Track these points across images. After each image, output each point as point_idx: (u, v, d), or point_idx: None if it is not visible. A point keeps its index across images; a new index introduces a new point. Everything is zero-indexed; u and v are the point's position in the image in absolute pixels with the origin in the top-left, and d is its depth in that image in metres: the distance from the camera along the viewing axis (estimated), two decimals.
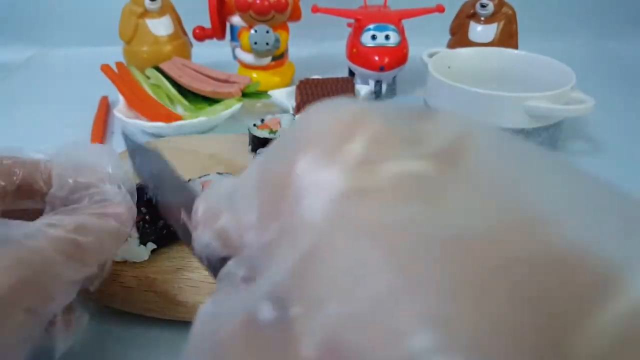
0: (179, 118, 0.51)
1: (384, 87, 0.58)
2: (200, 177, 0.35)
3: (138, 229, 0.30)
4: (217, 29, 0.62)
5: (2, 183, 0.25)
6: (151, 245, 0.30)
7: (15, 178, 0.25)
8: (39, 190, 0.26)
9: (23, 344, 0.21)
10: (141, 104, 0.52)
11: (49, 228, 0.23)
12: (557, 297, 0.08)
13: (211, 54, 0.66)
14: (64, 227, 0.23)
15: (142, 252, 0.30)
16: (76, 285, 0.23)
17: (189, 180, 0.34)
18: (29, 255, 0.21)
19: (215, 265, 0.16)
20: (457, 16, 0.65)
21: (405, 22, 0.60)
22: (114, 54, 0.62)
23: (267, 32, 0.57)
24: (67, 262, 0.22)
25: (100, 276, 0.24)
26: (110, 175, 0.27)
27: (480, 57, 0.54)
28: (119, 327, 0.30)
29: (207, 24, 0.63)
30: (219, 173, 0.36)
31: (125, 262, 0.30)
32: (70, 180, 0.25)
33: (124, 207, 0.26)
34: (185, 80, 0.54)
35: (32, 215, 0.25)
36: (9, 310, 0.20)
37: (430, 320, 0.08)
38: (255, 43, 0.58)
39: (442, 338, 0.08)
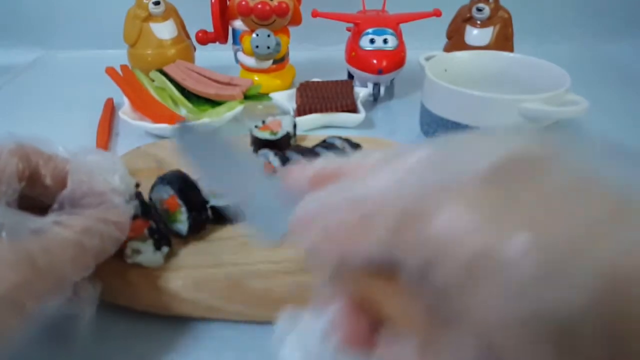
0: (182, 120, 0.52)
1: (382, 90, 0.59)
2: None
3: (151, 235, 0.30)
4: (220, 33, 0.63)
5: (21, 166, 0.25)
6: (165, 249, 0.31)
7: (30, 165, 0.26)
8: (43, 184, 0.27)
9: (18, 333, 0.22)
10: (145, 106, 0.53)
11: (59, 227, 0.23)
12: None
13: (214, 58, 0.67)
14: (72, 228, 0.24)
15: (159, 258, 0.30)
16: (72, 283, 0.24)
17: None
18: (38, 254, 0.22)
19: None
20: (454, 20, 0.66)
21: (403, 26, 0.61)
22: (119, 57, 0.63)
23: (269, 36, 0.58)
24: (71, 263, 0.23)
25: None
26: (117, 185, 0.28)
27: (476, 60, 0.55)
28: (122, 323, 0.30)
29: (210, 28, 0.64)
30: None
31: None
32: (85, 187, 0.26)
33: (126, 216, 0.27)
34: (188, 83, 0.55)
35: (32, 204, 0.26)
36: (11, 306, 0.21)
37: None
38: (257, 47, 0.59)
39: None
